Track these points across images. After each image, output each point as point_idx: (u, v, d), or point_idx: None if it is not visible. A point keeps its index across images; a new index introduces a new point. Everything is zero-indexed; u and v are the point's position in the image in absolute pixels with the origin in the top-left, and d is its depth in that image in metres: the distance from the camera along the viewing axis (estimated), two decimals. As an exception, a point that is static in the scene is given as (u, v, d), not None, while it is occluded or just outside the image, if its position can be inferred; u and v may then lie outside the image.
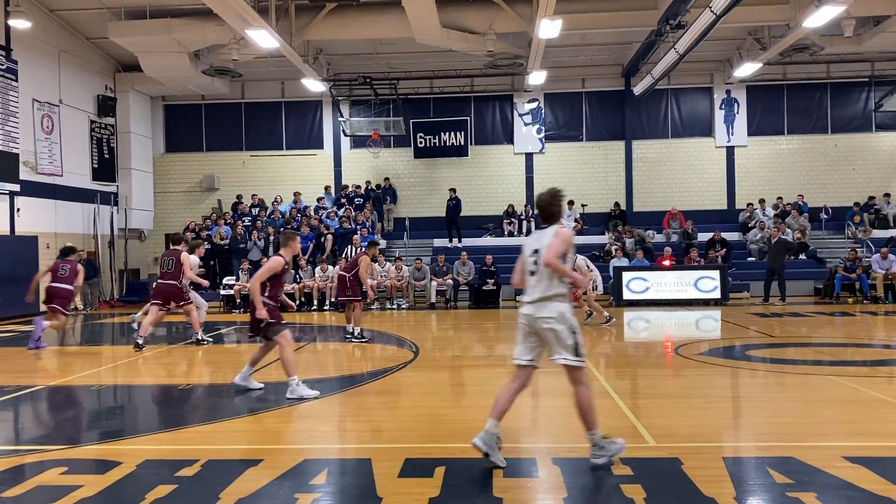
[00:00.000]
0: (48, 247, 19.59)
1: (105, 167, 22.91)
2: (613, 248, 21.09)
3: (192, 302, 12.17)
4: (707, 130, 24.52)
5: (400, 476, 5.02)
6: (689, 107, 24.60)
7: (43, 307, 12.92)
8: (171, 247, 12.38)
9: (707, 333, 14.24)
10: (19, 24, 17.36)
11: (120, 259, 22.93)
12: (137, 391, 9.00)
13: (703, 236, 21.79)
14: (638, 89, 22.10)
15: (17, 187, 18.37)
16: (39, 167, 19.57)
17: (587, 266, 14.32)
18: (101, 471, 5.26)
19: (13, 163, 18.25)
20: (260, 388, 8.13)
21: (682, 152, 24.47)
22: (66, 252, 12.74)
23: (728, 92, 24.24)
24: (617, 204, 23.82)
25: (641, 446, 5.68)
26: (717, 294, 18.50)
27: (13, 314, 17.58)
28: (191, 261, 12.23)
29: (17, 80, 18.50)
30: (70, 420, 7.43)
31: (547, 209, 5.50)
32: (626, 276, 18.87)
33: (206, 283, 12.82)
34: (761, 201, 23.03)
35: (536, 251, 5.29)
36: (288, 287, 19.34)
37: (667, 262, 19.60)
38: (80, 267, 12.50)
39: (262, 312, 7.61)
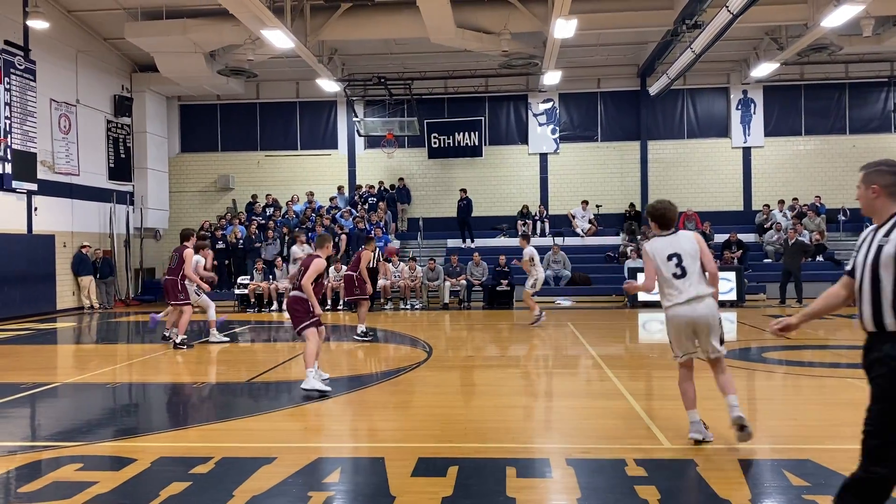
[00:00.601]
0: (65, 245, 19.76)
1: (121, 167, 23.07)
2: (628, 248, 20.99)
3: (187, 302, 11.81)
4: (723, 131, 24.35)
5: (413, 475, 5.02)
6: (706, 107, 24.44)
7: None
8: (181, 243, 12.24)
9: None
10: (37, 24, 17.51)
11: (136, 258, 23.08)
12: (152, 389, 9.05)
13: (719, 237, 21.61)
14: (654, 89, 21.99)
15: (34, 186, 18.53)
16: (57, 167, 19.74)
17: (532, 260, 14.25)
18: (116, 467, 5.29)
19: (31, 162, 18.42)
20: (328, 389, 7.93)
21: (699, 153, 24.32)
22: (182, 237, 12.32)
23: (745, 92, 24.06)
24: (632, 205, 23.71)
25: (656, 447, 5.65)
26: (732, 296, 18.35)
27: (30, 312, 17.75)
28: (195, 260, 12.06)
29: (35, 81, 18.67)
30: (85, 417, 7.48)
31: (668, 215, 5.93)
32: (640, 277, 18.72)
33: (206, 286, 12.29)
34: (780, 202, 22.84)
35: (678, 255, 5.71)
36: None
37: (682, 264, 19.43)
38: (187, 252, 11.81)
39: (318, 310, 8.00)
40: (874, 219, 3.51)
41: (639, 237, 21.62)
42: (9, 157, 17.31)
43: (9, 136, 17.25)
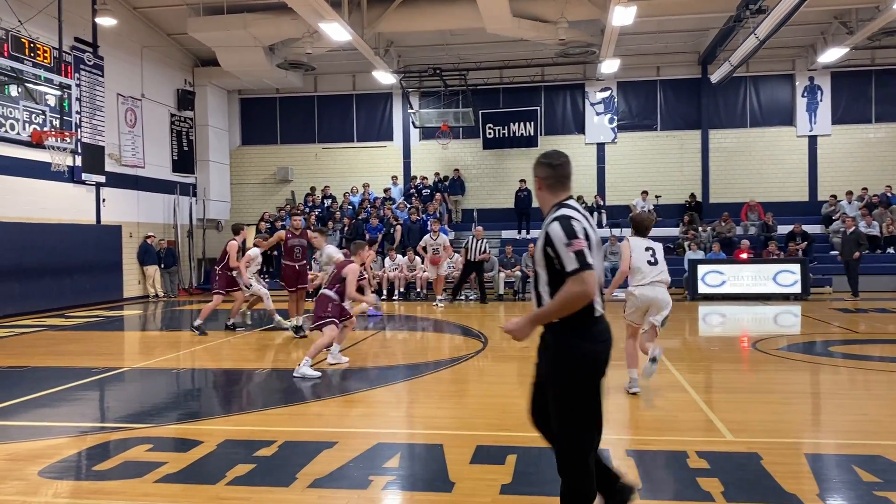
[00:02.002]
0: (131, 235, 20.41)
1: (184, 159, 23.70)
2: (686, 241, 20.58)
3: (220, 292, 12.32)
4: (788, 119, 23.62)
5: (472, 462, 5.04)
6: (770, 95, 23.73)
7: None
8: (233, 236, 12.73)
9: (786, 328, 13.76)
10: (105, 21, 18.09)
11: (198, 248, 23.69)
12: (215, 374, 9.29)
13: (783, 229, 21.03)
14: (715, 77, 21.46)
15: (102, 178, 19.19)
16: (123, 159, 20.39)
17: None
18: (183, 449, 5.46)
19: (99, 155, 19.08)
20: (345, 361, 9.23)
21: (762, 142, 23.66)
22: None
23: (811, 79, 23.28)
24: (692, 195, 23.23)
25: (718, 440, 5.55)
26: (797, 289, 17.85)
27: (99, 300, 18.40)
28: (254, 252, 12.47)
29: (103, 76, 19.30)
30: (152, 400, 7.73)
31: (649, 226, 7.52)
32: (701, 269, 18.41)
33: (246, 278, 12.18)
34: (848, 193, 22.06)
35: (651, 248, 7.36)
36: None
37: (744, 256, 19.01)
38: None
39: (370, 298, 9.75)
40: (542, 211, 3.64)
41: (699, 228, 21.20)
42: (79, 150, 17.95)
43: (79, 129, 17.87)
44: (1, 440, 5.86)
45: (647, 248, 7.29)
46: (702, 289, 18.23)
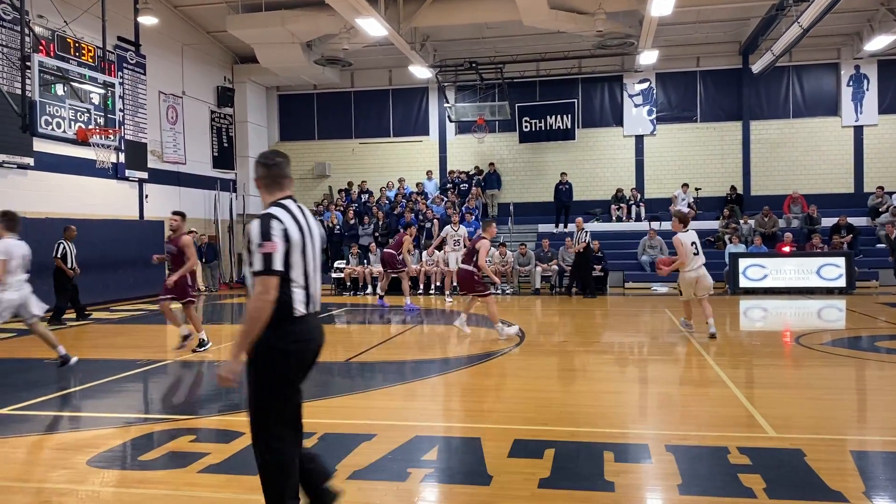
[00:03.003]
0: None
1: (224, 155, 24.05)
2: (726, 235, 20.25)
3: None
4: (832, 109, 23.07)
5: (510, 456, 5.04)
6: (813, 84, 23.19)
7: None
8: None
9: (831, 323, 13.48)
10: (147, 20, 18.43)
11: (239, 243, 24.04)
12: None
13: (827, 221, 20.55)
14: (757, 67, 21.05)
15: (145, 175, 19.58)
16: (165, 156, 20.77)
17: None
18: (225, 440, 5.56)
19: (142, 152, 19.46)
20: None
21: (805, 133, 23.14)
22: None
23: (857, 68, 22.69)
24: (733, 188, 22.84)
25: (760, 436, 5.46)
26: (842, 282, 17.46)
27: (142, 294, 18.77)
28: None
29: (145, 74, 19.67)
30: (195, 392, 7.88)
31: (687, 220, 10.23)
32: (742, 262, 18.10)
33: None
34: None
35: (695, 242, 10.28)
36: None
37: (787, 249, 18.65)
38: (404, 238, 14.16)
39: (496, 279, 12.38)
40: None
41: (740, 221, 20.84)
42: (122, 147, 18.32)
43: (122, 127, 18.23)
44: (50, 430, 6.04)
45: (693, 242, 9.76)
46: (743, 283, 17.94)
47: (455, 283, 18.77)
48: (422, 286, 19.18)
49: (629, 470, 4.77)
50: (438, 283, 19.25)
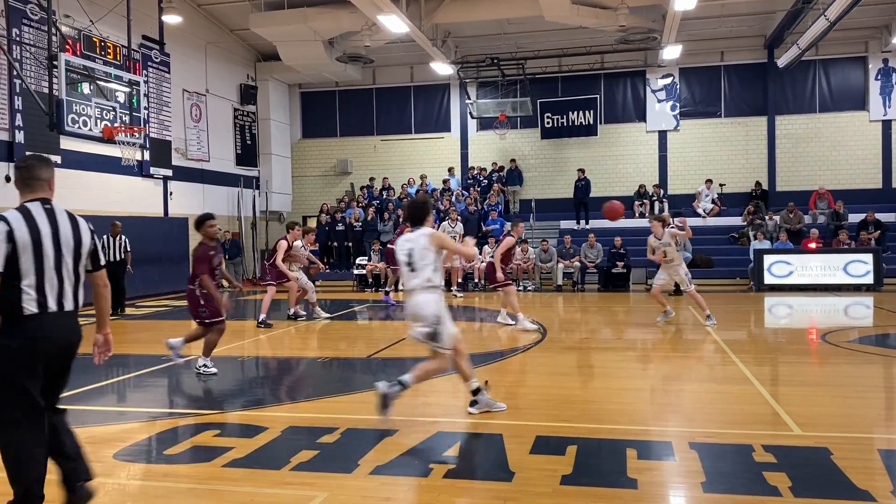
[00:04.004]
0: (197, 228, 20.95)
1: (247, 153, 24.22)
2: (751, 231, 20.03)
3: (272, 284, 12.60)
4: (860, 103, 22.71)
5: (531, 452, 5.04)
6: (840, 78, 22.84)
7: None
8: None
9: (858, 320, 13.29)
10: (171, 19, 18.61)
11: (261, 240, 24.21)
12: (279, 363, 9.50)
13: (855, 217, 20.25)
14: (782, 61, 20.78)
15: (169, 172, 19.78)
16: (189, 153, 20.96)
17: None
18: (249, 434, 5.61)
19: (166, 150, 19.66)
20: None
21: (832, 127, 22.81)
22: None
23: (885, 61, 22.30)
24: (758, 183, 22.58)
25: (785, 434, 5.40)
26: (869, 279, 17.20)
27: (167, 290, 18.97)
28: (295, 246, 12.77)
29: (169, 72, 19.87)
30: (219, 388, 7.94)
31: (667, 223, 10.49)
32: (767, 259, 17.90)
33: (291, 274, 12.67)
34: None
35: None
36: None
37: (813, 245, 18.41)
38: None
39: (500, 275, 11.61)
40: None
41: (765, 217, 20.60)
42: (147, 145, 18.49)
43: (147, 125, 18.42)
44: (78, 424, 6.11)
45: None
46: (768, 279, 17.74)
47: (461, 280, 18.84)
48: (442, 282, 19.15)
49: (652, 467, 4.74)
50: (460, 280, 19.23)
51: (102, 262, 4.08)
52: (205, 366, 8.19)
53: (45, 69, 13.81)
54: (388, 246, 16.40)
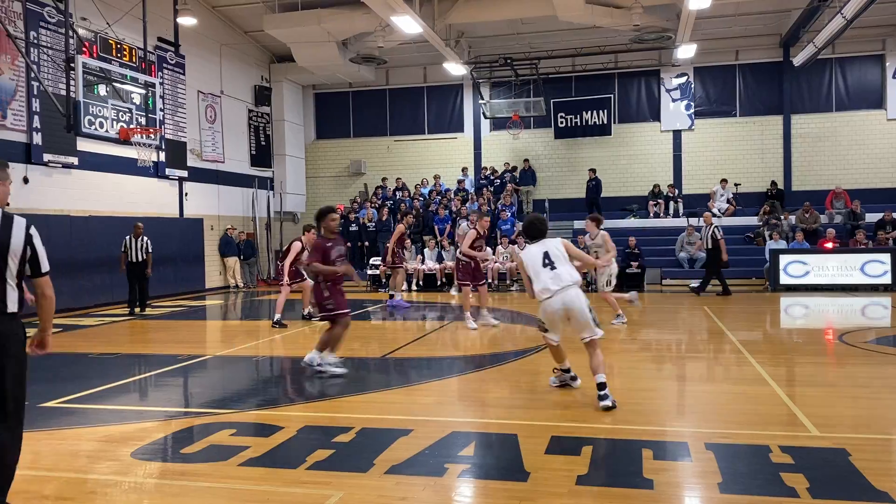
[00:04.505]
0: (212, 228, 21.11)
1: (261, 154, 24.33)
2: (767, 231, 19.89)
3: (285, 284, 12.54)
4: (878, 102, 22.50)
5: (547, 452, 5.03)
6: (857, 77, 22.64)
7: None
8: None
9: (875, 321, 13.16)
10: (186, 21, 18.72)
11: (276, 240, 24.31)
12: (293, 362, 9.53)
13: (872, 217, 20.07)
14: (798, 60, 20.63)
15: (185, 173, 19.90)
16: (204, 154, 21.08)
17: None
18: (265, 434, 5.64)
19: (182, 151, 19.79)
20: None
21: (849, 126, 22.62)
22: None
23: (902, 59, 22.12)
24: (774, 183, 22.43)
25: (802, 435, 5.36)
26: (887, 279, 17.03)
27: (183, 290, 19.10)
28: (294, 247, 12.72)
29: (184, 74, 19.99)
30: (234, 387, 7.99)
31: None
32: (783, 259, 17.77)
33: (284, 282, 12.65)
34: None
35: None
36: (433, 265, 19.76)
37: (829, 245, 18.26)
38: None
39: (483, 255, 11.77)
40: None
41: (781, 217, 20.45)
42: (163, 146, 18.63)
43: (163, 126, 18.55)
44: (96, 423, 6.18)
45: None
46: (784, 279, 17.62)
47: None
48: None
49: (668, 468, 4.72)
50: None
51: (44, 269, 3.91)
52: (328, 363, 7.94)
53: (62, 71, 13.95)
54: (386, 245, 16.36)
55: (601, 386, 6.23)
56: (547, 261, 6.56)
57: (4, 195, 3.94)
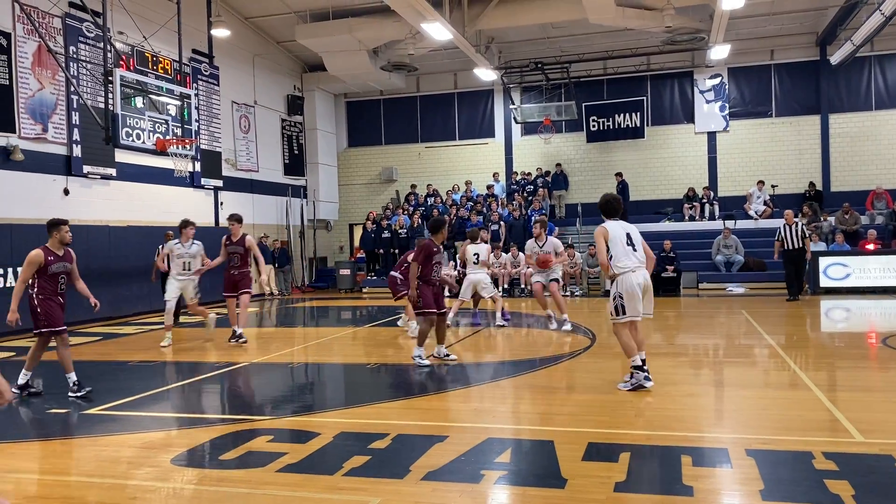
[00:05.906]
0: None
1: (295, 162, 24.58)
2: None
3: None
4: (918, 99, 22.00)
5: (584, 459, 4.98)
6: (897, 74, 22.15)
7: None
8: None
9: (920, 324, 12.82)
10: (220, 32, 19.01)
11: (309, 248, 24.52)
12: (328, 369, 9.59)
13: (915, 217, 19.60)
14: (835, 58, 20.25)
15: (220, 183, 20.18)
16: (239, 164, 21.36)
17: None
18: (302, 440, 5.67)
19: (216, 161, 20.07)
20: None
21: (889, 125, 22.11)
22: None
23: (944, 55, 21.58)
24: (812, 184, 22.02)
25: (846, 441, 5.24)
26: (930, 280, 16.61)
27: (218, 298, 19.26)
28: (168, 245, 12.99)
29: (218, 85, 20.29)
30: (271, 394, 8.07)
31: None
32: (822, 261, 17.42)
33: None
34: None
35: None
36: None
37: (871, 247, 17.86)
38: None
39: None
40: None
41: (820, 218, 20.06)
42: (198, 156, 18.92)
43: (198, 137, 18.83)
44: (137, 430, 6.28)
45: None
46: (824, 282, 17.27)
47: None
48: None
49: (708, 475, 4.65)
50: (506, 286, 19.15)
51: None
52: (419, 356, 8.83)
53: (100, 85, 14.24)
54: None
55: (644, 362, 7.16)
56: (629, 241, 7.21)
57: None
